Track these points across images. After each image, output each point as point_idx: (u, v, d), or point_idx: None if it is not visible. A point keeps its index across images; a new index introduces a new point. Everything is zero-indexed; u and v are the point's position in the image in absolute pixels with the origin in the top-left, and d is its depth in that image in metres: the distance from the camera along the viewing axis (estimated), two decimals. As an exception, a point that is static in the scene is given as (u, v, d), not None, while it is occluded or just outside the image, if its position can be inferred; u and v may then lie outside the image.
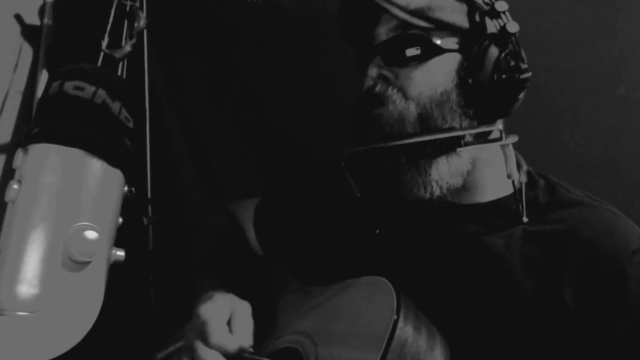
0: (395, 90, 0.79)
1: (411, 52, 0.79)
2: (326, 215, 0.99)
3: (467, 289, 0.80)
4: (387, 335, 0.71)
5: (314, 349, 0.80)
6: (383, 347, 0.70)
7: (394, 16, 0.78)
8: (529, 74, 0.78)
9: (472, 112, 0.78)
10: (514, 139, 0.79)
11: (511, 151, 0.81)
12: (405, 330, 0.72)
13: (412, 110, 0.78)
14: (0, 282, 0.52)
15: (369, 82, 0.83)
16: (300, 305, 0.90)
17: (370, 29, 0.85)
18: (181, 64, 1.44)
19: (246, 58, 1.40)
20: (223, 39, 1.41)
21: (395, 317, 0.72)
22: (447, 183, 0.79)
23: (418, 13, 0.78)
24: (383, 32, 0.83)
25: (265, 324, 0.90)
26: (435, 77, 0.79)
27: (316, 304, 0.87)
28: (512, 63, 0.78)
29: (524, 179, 0.84)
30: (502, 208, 0.83)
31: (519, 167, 0.85)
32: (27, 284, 0.52)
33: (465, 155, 0.79)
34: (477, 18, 0.79)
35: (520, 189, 0.82)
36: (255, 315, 0.83)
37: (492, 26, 0.80)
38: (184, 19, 1.41)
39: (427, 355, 0.72)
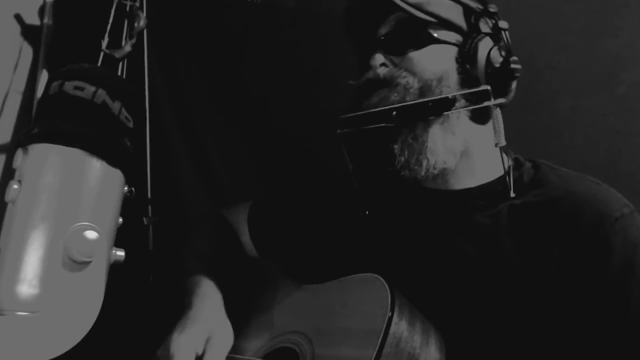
0: (400, 70, 0.84)
1: (411, 40, 0.85)
2: (319, 208, 1.01)
3: (460, 269, 0.82)
4: (382, 331, 0.71)
5: (311, 348, 0.80)
6: (379, 343, 0.70)
7: (396, 6, 0.82)
8: (519, 66, 0.82)
9: (482, 95, 0.82)
10: (501, 100, 0.83)
11: (499, 116, 0.83)
12: (400, 325, 0.72)
13: (415, 83, 0.82)
14: (0, 282, 0.52)
15: (369, 73, 0.87)
16: (295, 304, 0.90)
17: (375, 28, 0.89)
18: (181, 64, 1.44)
19: (246, 58, 1.40)
20: (223, 39, 1.41)
21: (390, 313, 0.72)
22: (442, 160, 0.82)
23: (418, 6, 0.83)
24: (385, 28, 0.88)
25: (260, 324, 0.90)
26: (435, 60, 0.84)
27: (311, 302, 0.87)
28: (504, 54, 0.83)
29: (511, 162, 0.88)
30: (490, 190, 0.86)
31: (506, 154, 0.89)
32: (27, 284, 0.52)
33: (459, 134, 0.83)
34: (472, 19, 0.85)
35: (509, 167, 0.85)
36: (249, 315, 0.83)
37: (485, 26, 0.86)
38: (184, 19, 1.42)
39: (422, 350, 0.73)
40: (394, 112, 0.80)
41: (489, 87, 0.81)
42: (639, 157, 1.15)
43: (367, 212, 0.91)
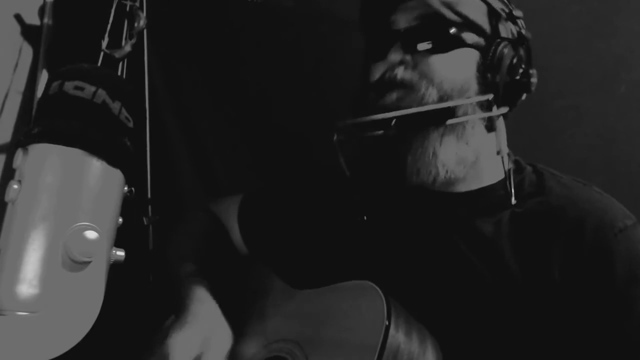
0: (421, 79, 0.79)
1: (435, 40, 0.80)
2: (314, 209, 0.98)
3: (460, 276, 0.80)
4: (379, 344, 0.69)
5: (304, 359, 0.79)
6: (376, 356, 0.69)
7: (426, 4, 0.79)
8: (536, 79, 0.82)
9: (486, 105, 0.80)
10: (504, 109, 0.81)
11: (502, 125, 0.81)
12: (397, 337, 0.71)
13: (434, 95, 0.78)
14: (0, 282, 0.52)
15: (382, 68, 0.83)
16: (288, 309, 0.88)
17: (389, 14, 0.84)
18: (181, 64, 1.44)
19: (246, 58, 1.40)
20: (223, 39, 1.41)
21: (387, 323, 0.71)
22: (452, 171, 0.79)
23: (448, 5, 0.79)
24: (404, 20, 0.83)
25: (253, 330, 0.88)
26: (457, 67, 0.80)
27: (304, 309, 0.85)
28: (524, 66, 0.82)
29: (511, 165, 0.85)
30: (491, 194, 0.84)
31: (507, 156, 0.85)
32: (27, 284, 0.52)
33: (472, 144, 0.80)
34: (495, 21, 0.82)
35: (509, 172, 0.82)
36: (242, 320, 0.82)
37: (505, 30, 0.83)
38: (184, 18, 1.42)
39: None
40: (393, 121, 0.77)
41: (491, 97, 0.78)
42: (639, 157, 1.15)
43: (365, 218, 0.88)
